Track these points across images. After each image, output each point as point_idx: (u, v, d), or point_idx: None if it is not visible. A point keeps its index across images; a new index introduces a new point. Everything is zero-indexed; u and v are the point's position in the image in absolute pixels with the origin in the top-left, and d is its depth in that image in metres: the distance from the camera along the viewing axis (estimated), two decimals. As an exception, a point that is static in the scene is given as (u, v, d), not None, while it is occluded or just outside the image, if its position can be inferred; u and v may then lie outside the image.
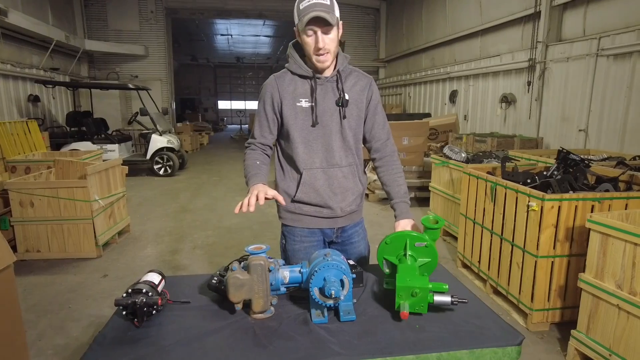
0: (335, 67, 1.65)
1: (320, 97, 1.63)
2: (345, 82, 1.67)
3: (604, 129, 5.35)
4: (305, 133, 1.65)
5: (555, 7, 6.16)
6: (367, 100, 1.72)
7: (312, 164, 1.66)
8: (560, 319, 2.81)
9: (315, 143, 1.65)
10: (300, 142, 1.65)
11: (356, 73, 1.73)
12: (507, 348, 1.20)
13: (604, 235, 2.20)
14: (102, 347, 1.18)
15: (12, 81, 8.67)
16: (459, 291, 1.51)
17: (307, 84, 1.64)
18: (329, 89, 1.65)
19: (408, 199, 1.73)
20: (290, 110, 1.64)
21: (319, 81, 1.63)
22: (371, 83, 1.74)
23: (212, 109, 29.89)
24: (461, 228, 3.81)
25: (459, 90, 9.34)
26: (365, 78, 1.74)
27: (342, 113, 1.65)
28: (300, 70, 1.63)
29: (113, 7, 13.16)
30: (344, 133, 1.67)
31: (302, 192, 1.67)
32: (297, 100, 1.63)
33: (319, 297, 1.27)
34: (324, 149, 1.66)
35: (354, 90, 1.69)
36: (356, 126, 1.70)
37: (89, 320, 2.99)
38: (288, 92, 1.64)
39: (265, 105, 1.68)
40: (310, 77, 1.63)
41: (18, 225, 3.96)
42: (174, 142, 9.08)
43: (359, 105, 1.69)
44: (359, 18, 14.61)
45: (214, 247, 4.57)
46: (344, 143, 1.68)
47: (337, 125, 1.66)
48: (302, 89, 1.64)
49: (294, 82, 1.65)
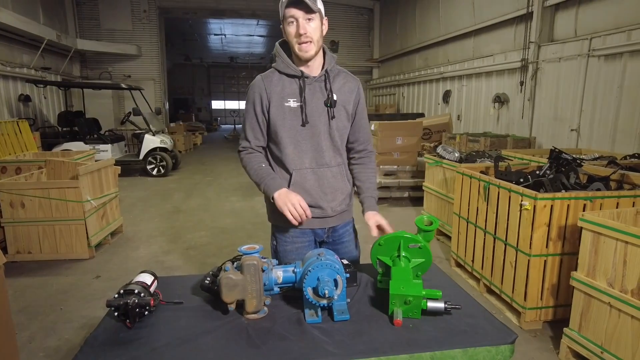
0: (324, 66, 1.64)
1: (309, 97, 1.62)
2: (334, 83, 1.66)
3: (596, 129, 5.40)
4: (294, 133, 1.63)
5: (547, 7, 6.20)
6: (354, 103, 1.72)
7: (302, 164, 1.66)
8: (552, 317, 2.83)
9: (304, 143, 1.64)
10: (289, 143, 1.64)
11: (344, 74, 1.72)
12: (500, 347, 1.21)
13: (595, 233, 2.22)
14: (94, 348, 1.17)
15: (2, 81, 8.57)
16: (453, 291, 1.52)
17: (295, 83, 1.62)
18: (317, 89, 1.64)
19: (376, 195, 1.78)
20: (278, 111, 1.62)
21: (308, 81, 1.62)
22: (359, 86, 1.75)
23: (205, 108, 29.75)
24: (455, 227, 3.83)
25: (452, 90, 9.38)
26: (353, 80, 1.73)
27: (330, 113, 1.64)
28: (288, 69, 1.62)
29: (105, 7, 13.05)
30: (332, 133, 1.66)
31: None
32: (285, 100, 1.62)
33: (312, 297, 1.27)
34: (313, 149, 1.65)
35: (343, 91, 1.68)
36: (343, 127, 1.70)
37: (82, 322, 2.96)
38: (276, 92, 1.62)
39: (255, 107, 1.65)
40: (299, 77, 1.62)
41: (9, 226, 3.92)
42: (167, 142, 9.03)
43: (346, 107, 1.69)
44: (352, 18, 14.62)
45: (208, 247, 4.55)
46: (332, 143, 1.68)
47: (325, 125, 1.65)
48: (290, 89, 1.62)
49: (281, 81, 1.63)
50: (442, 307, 1.31)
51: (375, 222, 1.65)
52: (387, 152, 6.13)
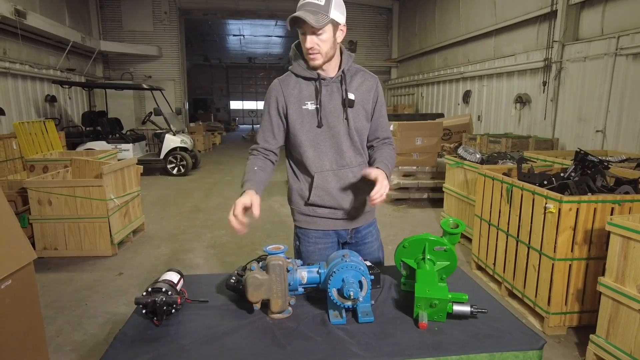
0: (340, 67, 1.63)
1: (326, 99, 1.61)
2: (352, 82, 1.65)
3: (623, 130, 5.25)
4: (313, 136, 1.63)
5: (572, 5, 6.06)
6: (373, 101, 1.69)
7: (323, 166, 1.65)
8: (578, 323, 2.76)
9: (324, 145, 1.64)
10: (308, 146, 1.64)
11: (362, 72, 1.70)
12: (528, 352, 1.19)
13: (625, 238, 2.16)
14: (124, 345, 1.19)
15: (30, 82, 8.84)
16: (477, 294, 1.50)
17: (312, 85, 1.62)
18: (335, 90, 1.62)
19: (390, 164, 1.66)
20: (297, 114, 1.62)
21: (324, 82, 1.61)
22: (377, 84, 1.72)
23: (224, 109, 30.06)
24: (476, 230, 3.78)
25: (472, 90, 9.25)
26: (372, 78, 1.71)
27: (348, 114, 1.63)
28: (304, 72, 1.61)
29: (127, 8, 13.33)
30: (351, 133, 1.65)
31: (315, 196, 1.67)
32: (302, 104, 1.61)
33: (337, 298, 1.27)
34: (334, 150, 1.65)
35: (361, 90, 1.66)
36: (362, 127, 1.68)
37: (105, 317, 3.03)
38: (293, 95, 1.62)
39: (270, 110, 1.66)
40: (315, 79, 1.61)
41: (36, 223, 4.04)
42: (187, 141, 9.16)
43: (365, 106, 1.67)
44: (371, 18, 14.58)
45: (227, 246, 4.60)
46: (352, 143, 1.67)
47: (344, 126, 1.64)
48: (307, 92, 1.62)
49: (298, 84, 1.63)
50: (469, 311, 1.29)
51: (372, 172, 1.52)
52: (407, 153, 6.09)
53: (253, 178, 1.60)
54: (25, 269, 2.09)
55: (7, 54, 8.04)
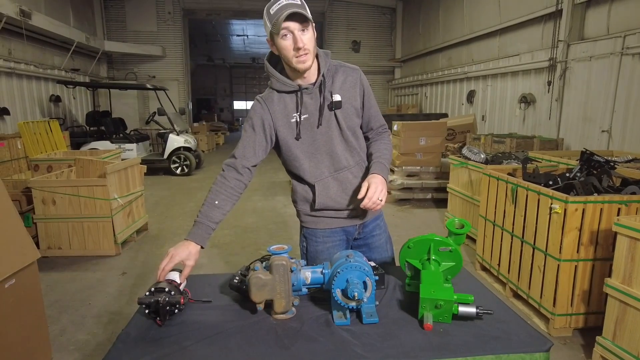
0: (319, 71, 1.58)
1: (313, 107, 1.58)
2: (334, 82, 1.60)
3: (629, 130, 5.21)
4: (306, 147, 1.61)
5: (577, 4, 6.02)
6: (360, 95, 1.65)
7: (321, 174, 1.64)
8: (584, 325, 2.73)
9: (319, 153, 1.62)
10: (304, 158, 1.62)
11: (343, 68, 1.64)
12: (535, 354, 1.17)
13: (632, 239, 2.13)
14: (126, 345, 1.19)
15: (35, 82, 8.89)
16: (483, 296, 1.49)
17: (295, 97, 1.58)
18: (318, 96, 1.59)
19: (386, 162, 1.66)
20: (286, 129, 1.59)
21: (307, 91, 1.57)
22: (360, 75, 1.66)
23: (227, 109, 30.11)
24: (480, 230, 3.75)
25: (476, 90, 9.21)
26: (353, 72, 1.65)
27: (338, 116, 1.60)
28: (284, 87, 1.57)
29: (131, 9, 13.38)
30: (344, 135, 1.63)
31: (319, 204, 1.66)
32: (290, 117, 1.58)
33: (341, 299, 1.26)
34: (329, 156, 1.63)
35: (345, 88, 1.62)
36: (355, 124, 1.66)
37: (109, 317, 3.04)
38: (279, 111, 1.58)
39: (254, 126, 1.61)
40: (297, 91, 1.57)
41: (40, 223, 4.05)
42: (191, 141, 9.17)
43: (353, 103, 1.63)
44: (375, 18, 14.55)
45: (230, 246, 4.59)
46: (346, 144, 1.64)
47: (335, 129, 1.61)
48: (292, 105, 1.58)
49: (282, 99, 1.59)
50: (474, 312, 1.27)
51: (363, 188, 1.52)
52: (410, 153, 6.07)
53: (206, 218, 1.51)
54: (29, 268, 2.09)
55: (12, 54, 8.09)
